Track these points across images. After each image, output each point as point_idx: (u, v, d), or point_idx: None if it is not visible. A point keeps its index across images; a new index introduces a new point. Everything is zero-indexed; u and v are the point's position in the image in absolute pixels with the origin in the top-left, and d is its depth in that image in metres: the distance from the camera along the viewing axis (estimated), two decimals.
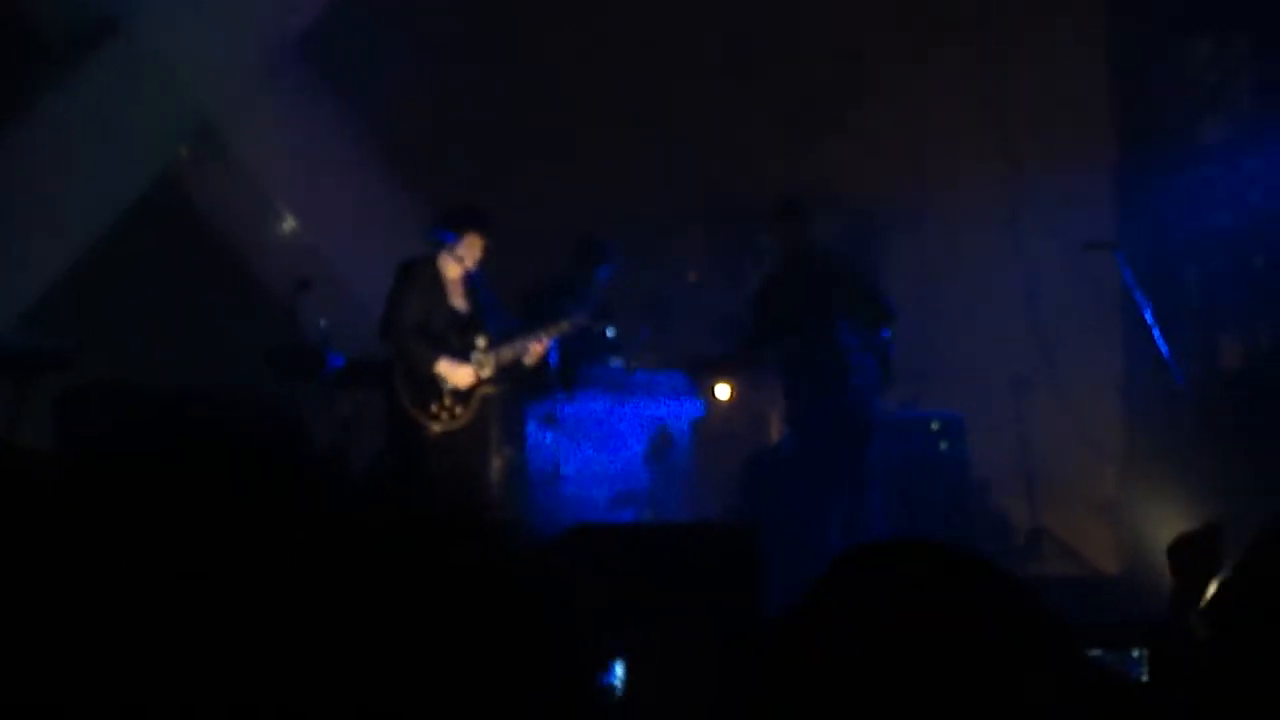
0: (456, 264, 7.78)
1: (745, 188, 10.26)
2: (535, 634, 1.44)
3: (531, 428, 8.96)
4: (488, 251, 7.84)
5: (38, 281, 9.75)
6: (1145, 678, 3.47)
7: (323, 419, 8.91)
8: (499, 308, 7.97)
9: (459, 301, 7.85)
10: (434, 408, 7.61)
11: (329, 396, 8.96)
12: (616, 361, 9.34)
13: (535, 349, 7.86)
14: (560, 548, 5.56)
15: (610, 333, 9.12)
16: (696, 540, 5.67)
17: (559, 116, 10.41)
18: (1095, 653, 3.63)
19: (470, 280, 7.84)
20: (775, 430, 9.98)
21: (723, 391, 10.25)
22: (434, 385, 7.63)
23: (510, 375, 7.95)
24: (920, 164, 10.15)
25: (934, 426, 9.35)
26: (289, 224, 10.26)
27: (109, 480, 1.35)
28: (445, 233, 7.78)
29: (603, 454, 9.17)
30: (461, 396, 7.67)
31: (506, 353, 7.81)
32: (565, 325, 8.01)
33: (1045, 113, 10.01)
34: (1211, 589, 3.17)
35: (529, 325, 8.00)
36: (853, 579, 1.85)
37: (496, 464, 7.94)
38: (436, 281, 7.79)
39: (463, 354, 7.70)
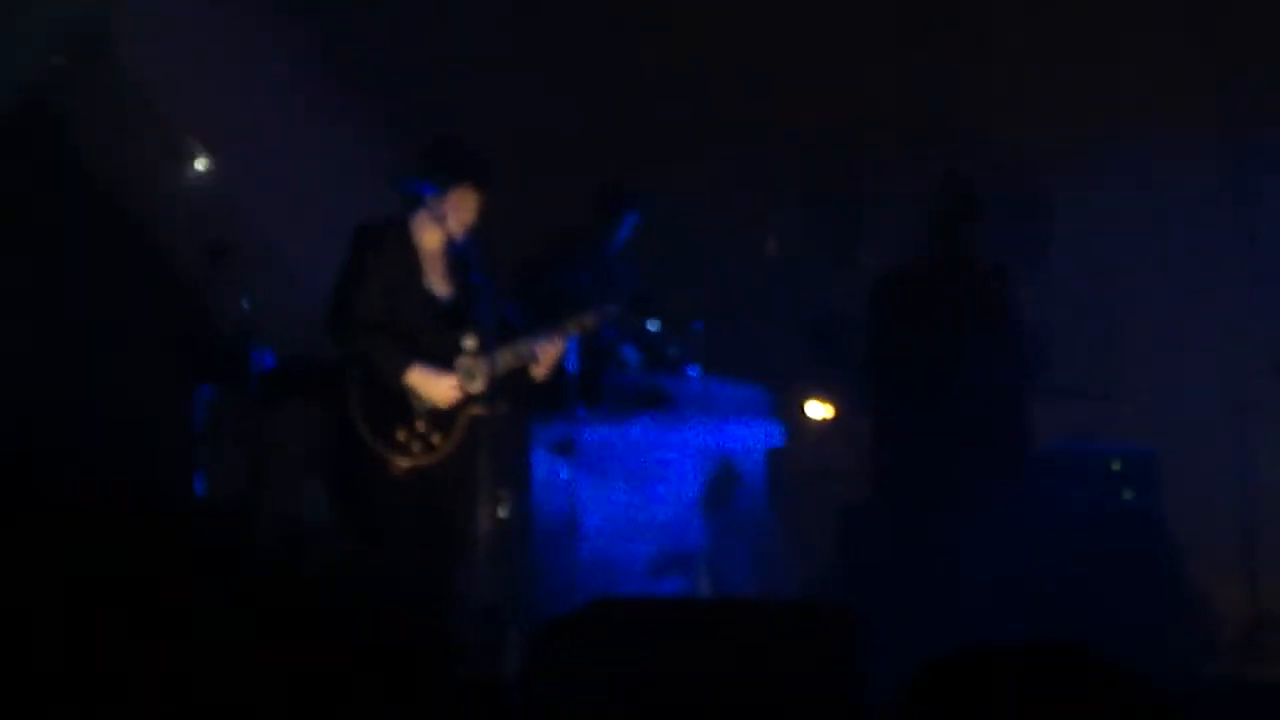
0: (438, 229, 7.88)
1: (845, 119, 10.27)
2: None
3: (540, 461, 9.18)
4: (482, 213, 7.91)
5: None
6: None
7: (240, 446, 9.14)
8: (496, 292, 7.99)
9: (439, 283, 7.95)
10: (401, 434, 7.71)
11: (250, 412, 9.17)
12: (662, 367, 9.55)
13: (547, 352, 7.96)
14: (574, 631, 5.82)
15: (653, 326, 9.30)
16: (770, 624, 5.87)
17: (576, 27, 10.61)
18: None
19: (457, 253, 7.93)
20: None
21: (817, 411, 10.44)
22: (403, 403, 7.73)
23: (511, 389, 7.99)
24: (1100, 89, 10.26)
25: (1115, 467, 9.54)
26: (201, 165, 10.36)
27: None
28: (423, 184, 7.85)
29: (640, 498, 9.39)
30: (441, 419, 7.78)
31: (506, 357, 7.88)
32: (590, 319, 8.13)
33: None
34: None
35: (538, 318, 8.08)
36: (935, 700, 2.12)
37: (488, 513, 8.02)
38: (409, 254, 7.89)
39: (444, 358, 7.81)
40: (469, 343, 7.83)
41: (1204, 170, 10.26)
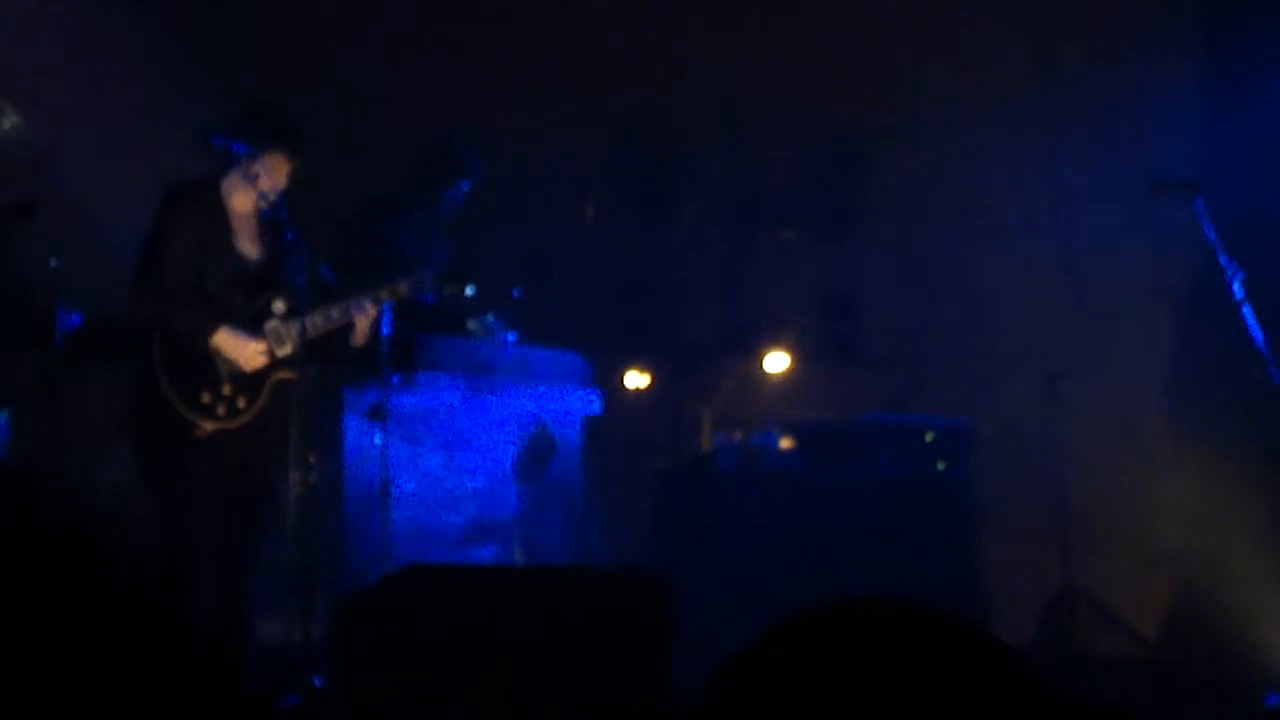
0: (249, 191, 7.81)
1: (665, 90, 10.31)
2: None
3: (352, 427, 9.09)
4: (295, 177, 7.86)
5: None
6: None
7: (44, 408, 8.95)
8: (309, 256, 7.87)
9: (250, 246, 7.87)
10: (206, 396, 7.62)
11: (57, 373, 9.05)
12: (477, 334, 9.50)
13: (359, 320, 7.92)
14: (383, 598, 5.75)
15: (470, 292, 9.21)
16: (582, 593, 5.86)
17: None
18: None
19: (268, 216, 7.86)
20: (707, 435, 10.18)
21: (635, 380, 10.45)
22: (209, 364, 7.64)
23: (321, 354, 7.93)
24: (914, 60, 10.29)
25: (928, 438, 9.59)
26: (9, 121, 10.19)
27: None
28: (235, 143, 7.77)
29: (454, 466, 9.33)
30: (248, 382, 7.70)
31: (317, 321, 7.81)
32: (403, 286, 8.08)
33: None
34: None
35: (351, 283, 7.99)
36: (785, 657, 2.08)
37: (296, 478, 7.88)
38: (219, 215, 7.81)
39: (253, 322, 7.74)
40: (278, 306, 7.80)
41: (1018, 140, 10.28)
